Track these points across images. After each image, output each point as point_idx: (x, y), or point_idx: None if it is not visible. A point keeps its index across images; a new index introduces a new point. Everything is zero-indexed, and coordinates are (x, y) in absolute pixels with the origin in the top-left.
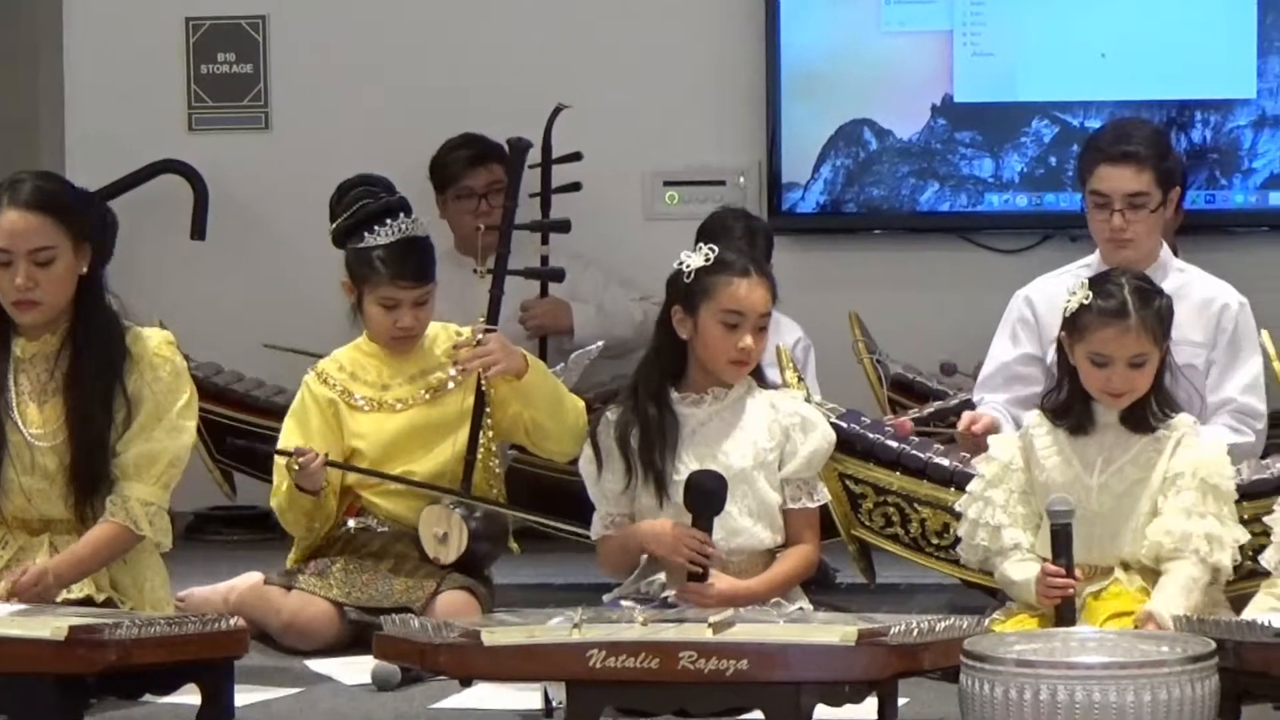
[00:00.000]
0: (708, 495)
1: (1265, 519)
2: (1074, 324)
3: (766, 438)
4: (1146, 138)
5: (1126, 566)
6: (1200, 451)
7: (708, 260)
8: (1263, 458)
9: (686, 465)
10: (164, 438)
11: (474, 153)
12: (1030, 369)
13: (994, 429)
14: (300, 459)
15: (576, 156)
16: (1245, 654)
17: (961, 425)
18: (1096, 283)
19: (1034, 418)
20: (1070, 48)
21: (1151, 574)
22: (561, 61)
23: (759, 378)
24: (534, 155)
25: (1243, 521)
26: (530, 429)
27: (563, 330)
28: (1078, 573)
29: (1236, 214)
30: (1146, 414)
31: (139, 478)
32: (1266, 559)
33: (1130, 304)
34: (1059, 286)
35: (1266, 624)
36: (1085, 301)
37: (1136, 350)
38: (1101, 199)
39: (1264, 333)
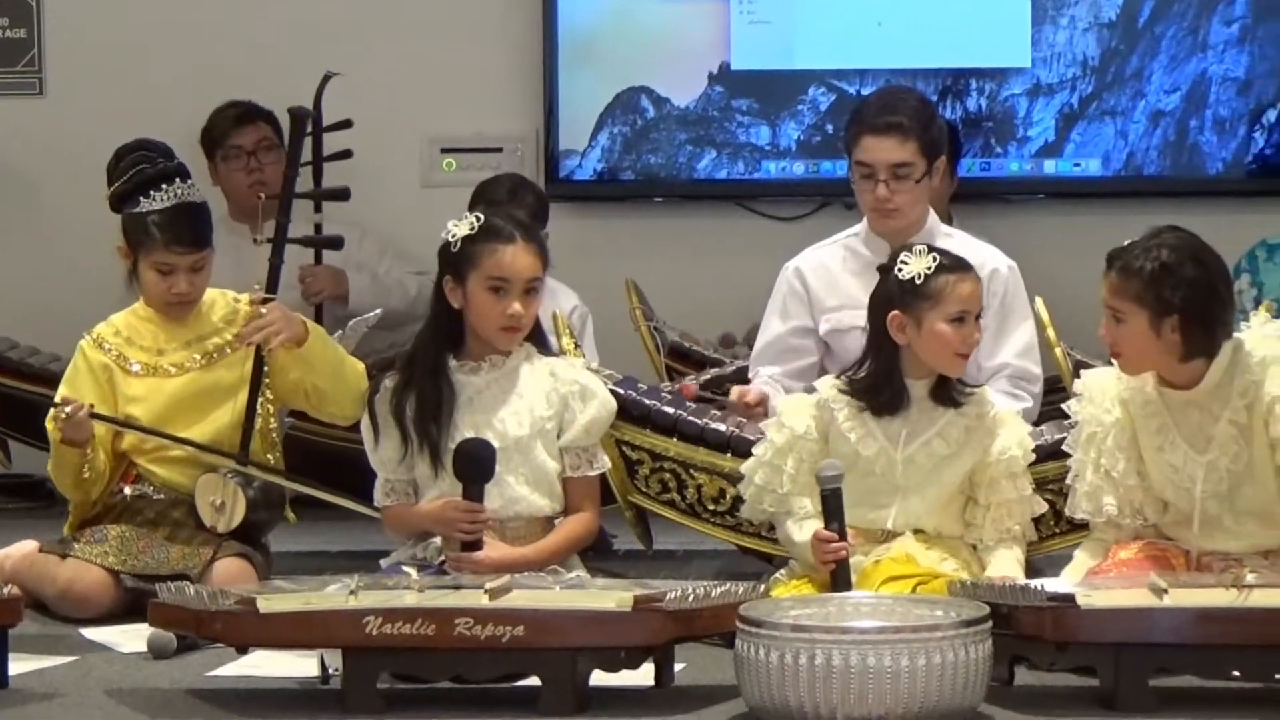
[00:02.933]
0: (477, 463)
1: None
2: (923, 291)
3: (545, 405)
4: (911, 108)
5: (920, 533)
6: (1019, 431)
7: (473, 229)
8: (1036, 424)
9: (463, 433)
10: None
11: (241, 111)
12: (803, 341)
13: (763, 402)
14: (65, 409)
15: (347, 124)
16: (1019, 618)
17: (733, 397)
18: (921, 251)
19: (830, 390)
20: (847, 16)
21: (943, 542)
22: (342, 28)
23: (540, 345)
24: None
25: (1046, 482)
26: (311, 394)
27: (338, 298)
28: (854, 533)
29: (1011, 181)
30: (952, 388)
31: None
32: (1075, 508)
33: (960, 261)
34: (828, 257)
35: (1039, 588)
36: (933, 264)
37: (982, 304)
38: (866, 169)
39: (1039, 299)
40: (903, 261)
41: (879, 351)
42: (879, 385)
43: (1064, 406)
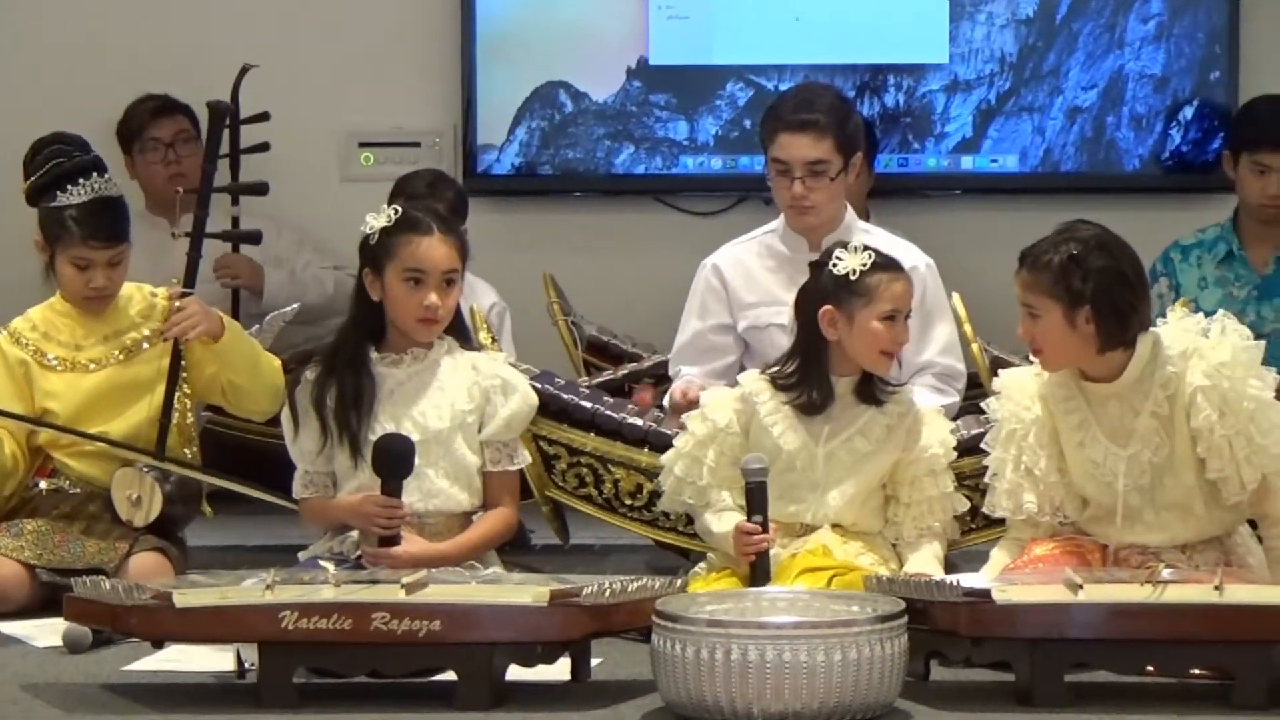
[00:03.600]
0: (395, 459)
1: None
2: (856, 288)
3: (466, 399)
4: (827, 105)
5: (838, 527)
6: (941, 429)
7: (390, 221)
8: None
9: (383, 426)
10: None
11: (158, 104)
12: (723, 338)
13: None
14: None
15: (264, 117)
16: (935, 613)
17: (676, 398)
18: (856, 248)
19: (754, 384)
20: (765, 11)
21: (861, 536)
22: (260, 22)
23: (462, 339)
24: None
25: (963, 478)
26: (228, 389)
27: (255, 290)
28: (775, 526)
29: (929, 177)
30: (874, 386)
31: None
32: (994, 506)
33: (893, 260)
34: (745, 253)
35: (955, 583)
36: (867, 261)
37: (910, 305)
38: (782, 166)
39: (955, 295)
40: (837, 257)
41: (807, 346)
42: (805, 381)
43: (983, 404)
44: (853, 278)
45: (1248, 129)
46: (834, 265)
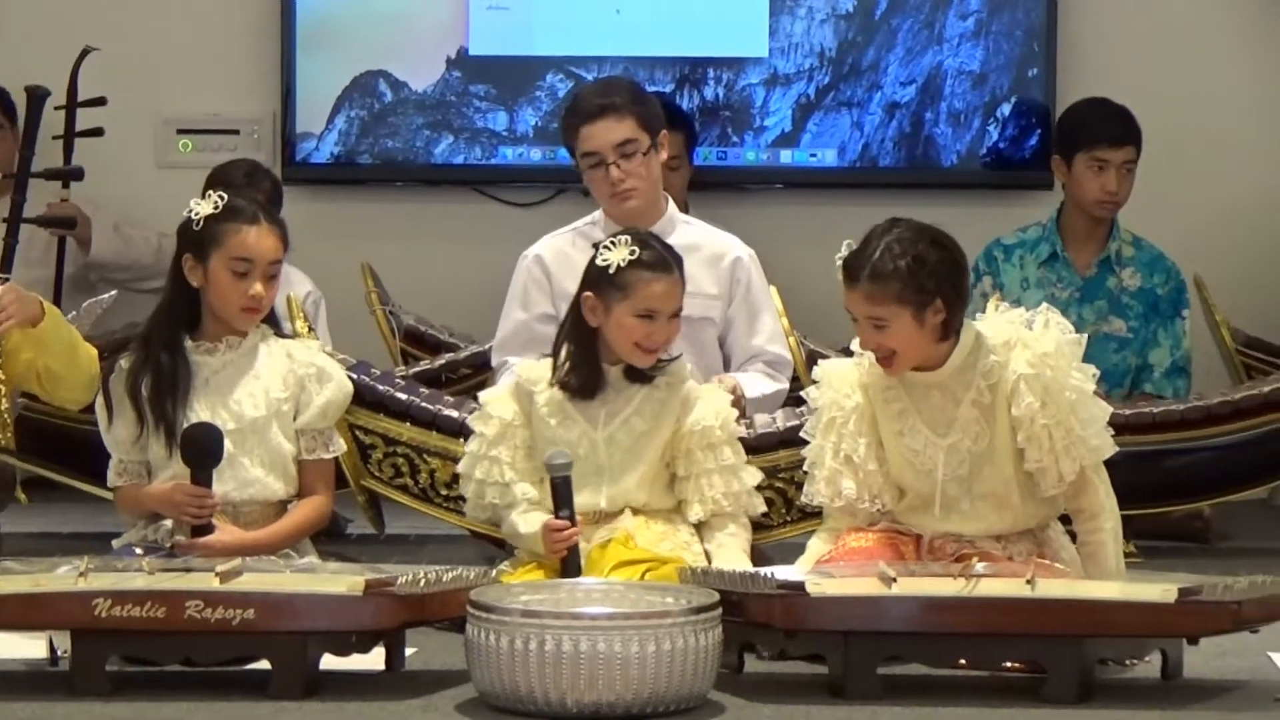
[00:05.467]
0: (202, 449)
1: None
2: (615, 281)
3: (281, 387)
4: (621, 88)
5: (637, 512)
6: (718, 403)
7: (216, 208)
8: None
9: (198, 414)
10: None
11: None
12: (547, 328)
13: None
14: None
15: (101, 101)
16: (749, 605)
17: None
18: (633, 240)
19: (530, 373)
20: (585, 3)
21: (662, 518)
22: (78, 6)
23: (276, 327)
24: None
25: (777, 470)
26: (44, 376)
27: (83, 240)
28: (579, 519)
29: (748, 171)
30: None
31: None
32: (812, 494)
33: (670, 258)
34: (566, 244)
35: (769, 576)
36: (630, 258)
37: (679, 304)
38: (594, 158)
39: (773, 288)
40: (605, 247)
41: (575, 330)
42: (575, 365)
43: (803, 394)
44: (611, 271)
45: (1081, 129)
46: (600, 255)
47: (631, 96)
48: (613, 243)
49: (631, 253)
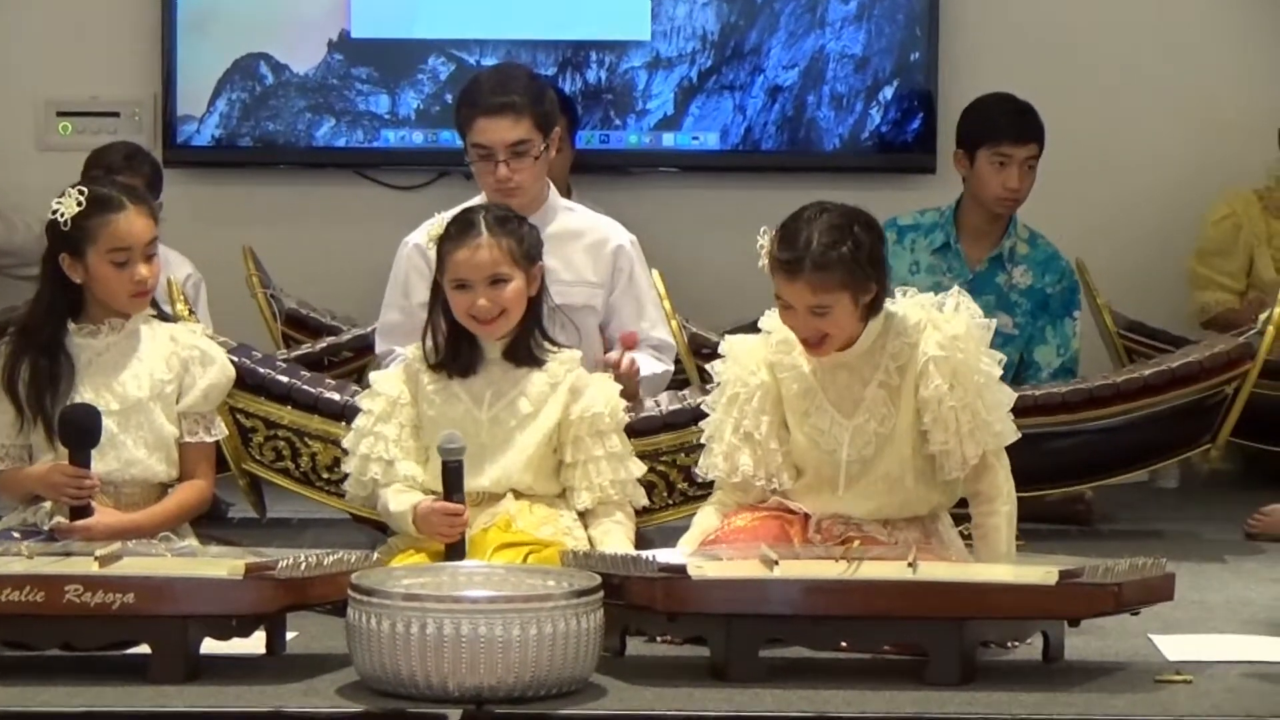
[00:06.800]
0: (79, 430)
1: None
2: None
3: (164, 369)
4: (523, 85)
5: (520, 496)
6: (607, 391)
7: (81, 204)
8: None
9: (83, 396)
10: None
11: None
12: None
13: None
14: None
15: None
16: (630, 588)
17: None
18: (445, 220)
19: (415, 353)
20: None
21: (544, 503)
22: None
23: (156, 309)
24: None
25: (659, 454)
26: None
27: None
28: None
29: (630, 154)
30: (529, 347)
31: None
32: (709, 468)
33: (483, 224)
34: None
35: (651, 558)
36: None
37: (493, 270)
38: (484, 151)
39: (654, 271)
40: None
41: (446, 311)
42: (452, 344)
43: (708, 367)
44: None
45: (985, 125)
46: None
47: (531, 96)
48: (429, 222)
49: (448, 227)
